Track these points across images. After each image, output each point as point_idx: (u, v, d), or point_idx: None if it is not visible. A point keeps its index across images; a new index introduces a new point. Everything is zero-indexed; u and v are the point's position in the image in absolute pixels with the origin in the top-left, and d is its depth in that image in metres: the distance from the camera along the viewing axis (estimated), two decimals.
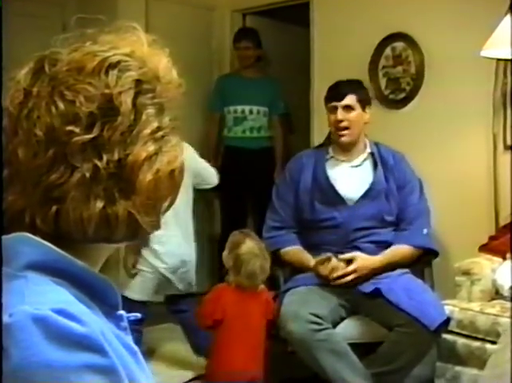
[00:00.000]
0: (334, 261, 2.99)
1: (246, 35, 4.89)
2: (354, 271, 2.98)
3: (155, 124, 0.82)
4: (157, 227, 0.86)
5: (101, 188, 0.79)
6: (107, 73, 0.81)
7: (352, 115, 3.14)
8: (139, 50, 0.86)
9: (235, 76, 4.92)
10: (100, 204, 0.79)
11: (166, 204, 0.87)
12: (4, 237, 0.76)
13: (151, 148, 0.82)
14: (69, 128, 0.78)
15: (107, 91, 0.80)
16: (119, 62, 0.82)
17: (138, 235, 0.84)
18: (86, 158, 0.78)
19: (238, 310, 2.86)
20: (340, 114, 3.13)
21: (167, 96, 0.86)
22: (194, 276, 3.44)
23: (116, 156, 0.79)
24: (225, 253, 2.94)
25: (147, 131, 0.82)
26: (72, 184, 0.78)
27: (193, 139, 4.04)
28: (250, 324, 2.88)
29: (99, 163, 0.78)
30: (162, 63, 0.87)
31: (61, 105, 0.79)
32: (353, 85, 3.22)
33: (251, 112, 4.84)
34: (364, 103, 3.19)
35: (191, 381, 3.44)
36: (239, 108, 4.82)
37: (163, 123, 0.84)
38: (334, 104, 3.15)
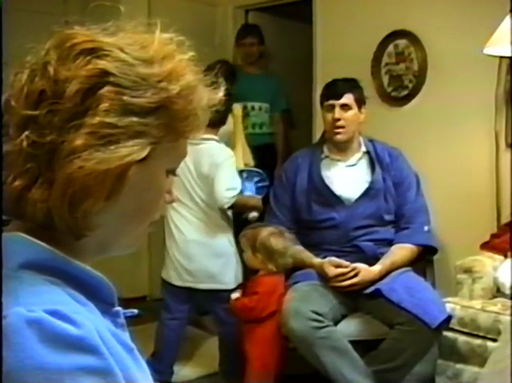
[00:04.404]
0: (345, 270, 2.98)
1: (251, 31, 4.89)
2: (356, 283, 2.99)
3: (107, 119, 0.77)
4: (78, 230, 0.79)
5: (28, 168, 0.77)
6: (77, 56, 0.79)
7: (349, 114, 3.14)
8: (150, 48, 0.83)
9: (237, 73, 4.91)
10: (18, 183, 0.77)
11: (96, 208, 0.79)
12: None
13: (89, 141, 0.76)
14: (12, 102, 0.79)
15: (66, 73, 0.78)
16: (95, 49, 0.80)
17: (64, 232, 0.79)
18: (21, 133, 0.77)
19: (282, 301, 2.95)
20: (338, 113, 3.12)
21: (155, 100, 0.81)
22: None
23: (48, 139, 0.76)
24: (248, 253, 3.03)
25: (92, 122, 0.77)
26: (4, 153, 0.77)
27: None
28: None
29: (24, 141, 0.76)
30: (170, 67, 0.83)
31: (24, 77, 0.80)
32: (350, 84, 3.21)
33: (253, 108, 4.84)
34: (360, 102, 3.19)
35: (199, 378, 3.45)
36: (241, 104, 4.81)
37: (121, 122, 0.78)
38: (331, 102, 3.15)
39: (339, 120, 3.12)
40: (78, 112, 0.77)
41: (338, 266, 2.99)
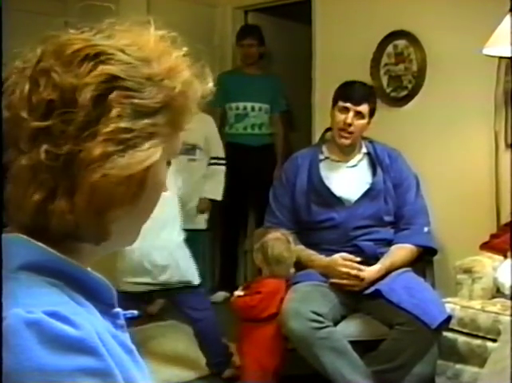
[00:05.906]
0: (355, 268, 2.99)
1: (250, 32, 4.89)
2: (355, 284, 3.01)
3: (121, 125, 0.77)
4: (100, 237, 0.80)
5: (43, 180, 0.76)
6: (82, 62, 0.78)
7: (361, 122, 3.11)
8: (146, 47, 0.83)
9: (237, 73, 4.92)
10: (37, 196, 0.76)
11: (120, 214, 0.79)
12: None
13: (108, 148, 0.76)
14: (23, 113, 0.77)
15: (73, 81, 0.77)
16: (98, 54, 0.79)
17: (86, 240, 0.80)
18: (35, 145, 0.76)
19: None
20: (351, 118, 3.08)
21: (160, 99, 0.81)
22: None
23: (64, 150, 0.75)
24: (254, 251, 3.08)
25: (108, 129, 0.76)
26: (17, 168, 0.76)
27: None
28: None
29: (43, 154, 0.75)
30: (168, 64, 0.83)
31: (27, 87, 0.78)
32: (368, 93, 3.19)
33: (253, 109, 4.85)
34: (373, 113, 3.17)
35: (192, 380, 3.44)
36: (241, 104, 4.82)
37: (136, 125, 0.78)
38: (348, 105, 3.09)
39: (350, 125, 3.09)
40: (91, 120, 0.76)
41: (349, 260, 3.01)
